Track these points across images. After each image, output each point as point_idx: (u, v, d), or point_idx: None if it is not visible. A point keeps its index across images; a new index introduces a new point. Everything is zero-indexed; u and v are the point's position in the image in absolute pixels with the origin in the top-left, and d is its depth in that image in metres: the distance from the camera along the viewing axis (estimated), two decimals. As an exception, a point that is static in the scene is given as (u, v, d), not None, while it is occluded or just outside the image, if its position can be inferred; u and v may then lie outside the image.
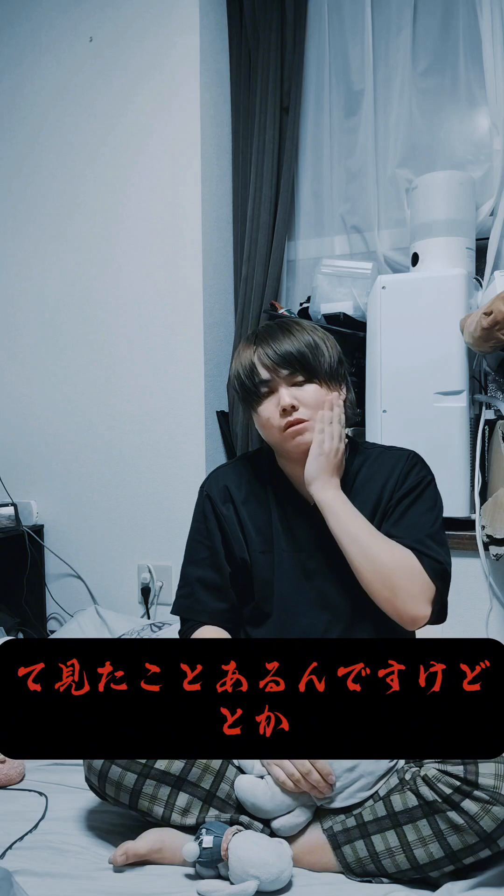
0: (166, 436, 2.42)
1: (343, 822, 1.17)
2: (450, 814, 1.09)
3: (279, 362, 1.29)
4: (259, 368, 1.31)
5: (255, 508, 1.39)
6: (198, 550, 1.42)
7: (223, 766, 1.24)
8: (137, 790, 1.20)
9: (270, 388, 1.31)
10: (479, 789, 1.07)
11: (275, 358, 1.29)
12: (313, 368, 1.30)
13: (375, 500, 1.34)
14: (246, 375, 1.32)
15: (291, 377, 1.30)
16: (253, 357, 1.32)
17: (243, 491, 1.41)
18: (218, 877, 1.14)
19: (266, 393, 1.31)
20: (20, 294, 2.64)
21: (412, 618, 1.23)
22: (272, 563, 1.36)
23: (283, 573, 1.35)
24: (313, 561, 1.34)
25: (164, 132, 2.39)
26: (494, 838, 1.07)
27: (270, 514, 1.38)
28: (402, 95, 2.33)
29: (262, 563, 1.37)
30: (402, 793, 1.14)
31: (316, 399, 1.30)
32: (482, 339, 1.86)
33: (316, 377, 1.30)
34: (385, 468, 1.37)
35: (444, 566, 1.27)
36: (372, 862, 1.13)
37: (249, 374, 1.32)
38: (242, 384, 1.34)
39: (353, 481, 1.36)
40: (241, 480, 1.42)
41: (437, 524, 1.32)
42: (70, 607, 2.53)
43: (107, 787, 1.21)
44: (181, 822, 1.20)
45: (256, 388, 1.31)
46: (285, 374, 1.29)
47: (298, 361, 1.29)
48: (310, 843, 1.18)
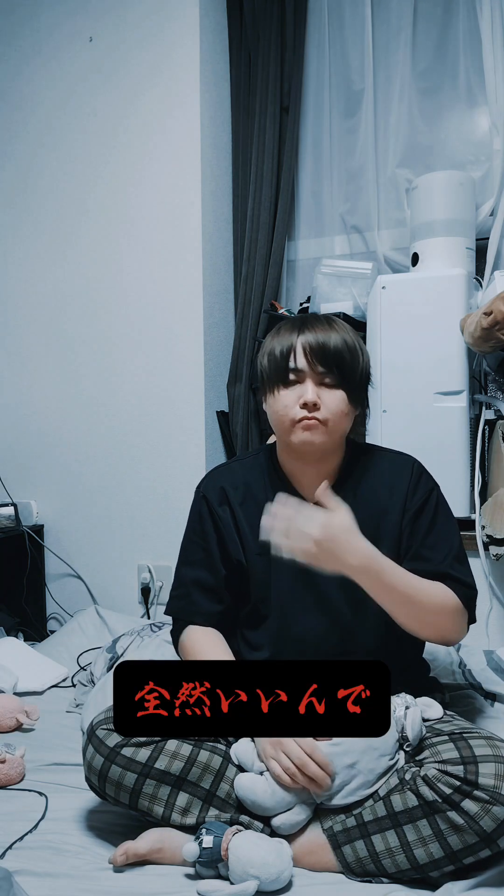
0: (166, 436, 2.42)
1: (343, 822, 1.17)
2: (450, 814, 1.08)
3: (321, 357, 1.28)
4: (299, 354, 1.29)
5: (253, 509, 1.38)
6: (193, 551, 1.42)
7: (223, 766, 1.23)
8: (137, 790, 1.20)
9: (299, 379, 1.30)
10: (479, 789, 1.07)
11: (318, 350, 1.28)
12: (347, 374, 1.29)
13: (380, 509, 1.34)
14: (283, 355, 1.30)
15: (325, 376, 1.29)
16: (296, 341, 1.29)
17: (240, 492, 1.40)
18: (218, 877, 1.14)
19: (293, 381, 1.30)
20: (21, 294, 2.64)
21: (452, 643, 1.35)
22: (269, 565, 1.36)
23: (281, 575, 1.35)
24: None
25: (165, 133, 2.39)
26: (494, 838, 1.07)
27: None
28: (402, 95, 2.33)
29: (258, 565, 1.37)
30: (402, 793, 1.14)
31: (338, 407, 1.29)
32: (482, 339, 1.86)
33: (345, 384, 1.30)
34: (388, 476, 1.37)
35: (473, 591, 1.33)
36: (372, 862, 1.13)
37: (287, 356, 1.29)
38: (275, 362, 1.31)
39: (356, 487, 1.36)
40: (237, 481, 1.42)
41: (459, 536, 1.36)
42: (70, 607, 2.54)
43: (107, 787, 1.21)
44: (181, 821, 1.20)
45: (287, 373, 1.30)
46: (321, 370, 1.29)
47: (337, 362, 1.28)
48: (310, 843, 1.18)
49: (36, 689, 1.95)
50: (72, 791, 1.39)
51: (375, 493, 1.36)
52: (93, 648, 2.11)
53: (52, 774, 1.48)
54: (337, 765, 1.17)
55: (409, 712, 1.21)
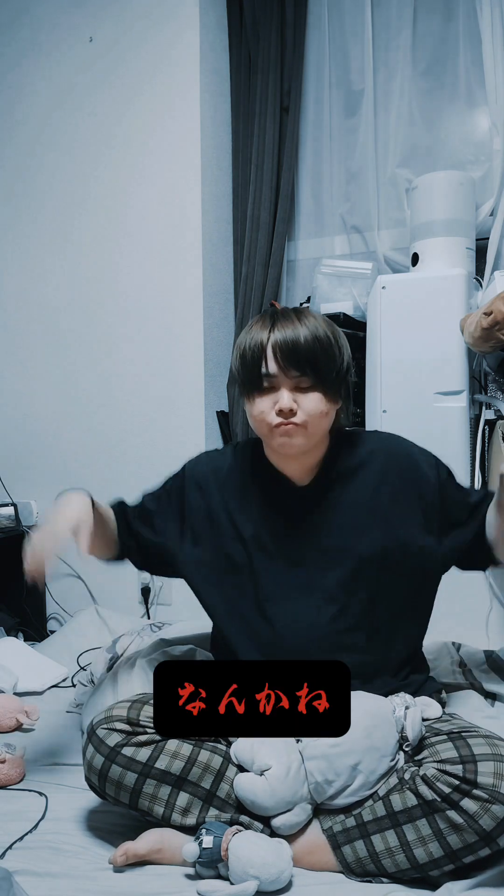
0: (166, 436, 2.42)
1: (343, 823, 1.17)
2: (449, 813, 1.08)
3: (293, 360, 1.22)
4: (270, 359, 1.23)
5: (235, 497, 1.38)
6: (150, 499, 1.49)
7: (223, 766, 1.23)
8: (138, 790, 1.20)
9: (273, 385, 1.25)
10: (478, 788, 1.07)
11: (289, 353, 1.22)
12: (323, 373, 1.24)
13: (377, 494, 1.33)
14: (254, 360, 1.24)
15: (298, 380, 1.24)
16: (266, 343, 1.23)
17: (222, 475, 1.41)
18: (218, 877, 1.14)
19: (267, 388, 1.25)
20: (21, 294, 2.64)
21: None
22: (249, 552, 1.35)
23: (264, 561, 1.34)
24: (302, 547, 1.33)
25: (164, 132, 2.39)
26: (494, 837, 1.07)
27: (252, 503, 1.37)
28: (402, 95, 2.33)
29: (234, 551, 1.36)
30: (402, 792, 1.14)
31: (315, 408, 1.25)
32: (482, 339, 1.86)
33: (321, 384, 1.25)
34: (381, 464, 1.35)
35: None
36: (372, 862, 1.13)
37: (258, 362, 1.24)
38: (247, 368, 1.26)
39: (345, 474, 1.34)
40: (223, 466, 1.42)
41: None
42: (70, 607, 2.53)
43: (107, 787, 1.21)
44: (181, 821, 1.20)
45: (261, 380, 1.25)
46: (295, 374, 1.23)
47: (310, 363, 1.23)
48: (310, 843, 1.18)
49: (36, 689, 1.95)
50: (72, 791, 1.39)
51: (366, 480, 1.34)
52: (93, 648, 2.11)
53: (52, 774, 1.48)
54: (339, 766, 1.17)
55: (409, 712, 1.21)
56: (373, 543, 1.30)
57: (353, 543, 1.31)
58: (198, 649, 1.67)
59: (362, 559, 1.30)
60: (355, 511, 1.32)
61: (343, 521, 1.32)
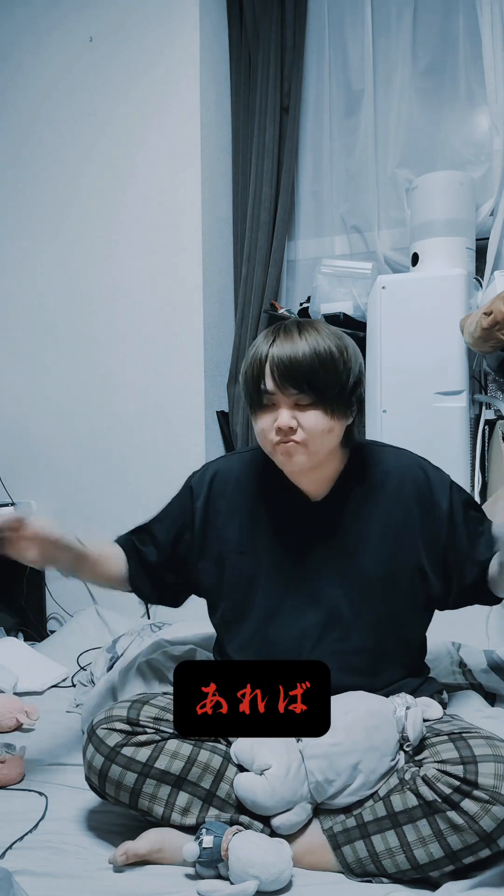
0: (166, 436, 2.42)
1: (343, 823, 1.17)
2: (449, 814, 1.08)
3: (290, 378, 1.20)
4: (268, 377, 1.22)
5: (245, 507, 1.37)
6: (162, 521, 1.46)
7: (223, 766, 1.23)
8: (138, 790, 1.19)
9: (273, 403, 1.24)
10: (478, 789, 1.07)
11: (286, 371, 1.20)
12: (323, 390, 1.21)
13: (397, 513, 1.32)
14: (253, 379, 1.25)
15: (297, 398, 1.22)
16: (265, 361, 1.22)
17: (230, 487, 1.39)
18: (218, 877, 1.13)
19: (268, 406, 1.25)
20: (19, 295, 2.64)
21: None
22: (253, 564, 1.34)
23: (266, 573, 1.34)
24: (308, 560, 1.33)
25: (163, 131, 2.39)
26: (494, 838, 1.07)
27: (258, 514, 1.36)
28: (402, 95, 2.34)
29: (239, 562, 1.35)
30: (402, 793, 1.14)
31: (316, 426, 1.23)
32: (482, 339, 1.86)
33: (322, 402, 1.22)
34: (396, 482, 1.33)
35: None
36: (372, 862, 1.13)
37: (257, 380, 1.24)
38: (247, 383, 1.27)
39: (363, 491, 1.33)
40: (230, 478, 1.41)
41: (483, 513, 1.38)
42: (70, 607, 2.53)
43: (107, 787, 1.21)
44: (181, 821, 1.20)
45: (261, 397, 1.25)
46: (293, 392, 1.21)
47: (309, 381, 1.20)
48: (310, 843, 1.18)
49: (36, 689, 1.95)
50: (72, 791, 1.39)
51: (381, 500, 1.32)
52: (93, 648, 2.11)
53: (52, 774, 1.48)
54: (339, 765, 1.17)
55: (410, 713, 1.21)
56: (382, 564, 1.30)
57: (362, 563, 1.30)
58: (198, 649, 1.67)
59: (371, 579, 1.30)
60: (368, 531, 1.31)
61: (355, 540, 1.31)
